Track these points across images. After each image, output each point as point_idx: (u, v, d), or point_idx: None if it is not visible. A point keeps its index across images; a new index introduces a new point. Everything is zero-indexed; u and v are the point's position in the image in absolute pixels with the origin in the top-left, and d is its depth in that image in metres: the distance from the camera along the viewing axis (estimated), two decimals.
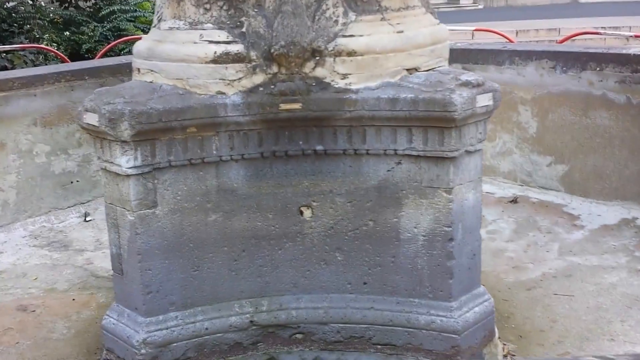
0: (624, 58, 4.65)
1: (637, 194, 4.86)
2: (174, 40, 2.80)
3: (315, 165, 2.88)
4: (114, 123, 2.62)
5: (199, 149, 2.78)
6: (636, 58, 4.61)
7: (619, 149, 4.75)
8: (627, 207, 4.86)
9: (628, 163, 4.80)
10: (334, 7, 2.75)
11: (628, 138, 4.73)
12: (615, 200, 4.89)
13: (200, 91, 2.75)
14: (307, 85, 2.75)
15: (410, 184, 2.85)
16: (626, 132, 4.71)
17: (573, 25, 13.90)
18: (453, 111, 2.66)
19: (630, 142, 4.75)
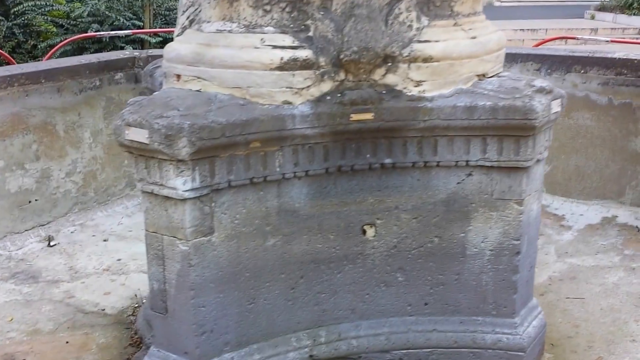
0: (608, 61, 4.71)
1: (615, 193, 4.95)
2: (228, 44, 2.48)
3: (381, 180, 2.66)
4: (170, 140, 2.27)
5: (262, 166, 2.48)
6: (621, 62, 4.67)
7: (600, 149, 4.81)
8: (606, 206, 4.94)
9: (608, 163, 4.87)
10: (407, 11, 2.53)
11: (609, 138, 4.80)
12: (595, 200, 4.96)
13: (264, 101, 2.45)
14: (378, 94, 2.52)
15: (480, 197, 2.69)
16: (607, 133, 4.77)
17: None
18: (534, 119, 2.52)
19: (611, 142, 4.82)
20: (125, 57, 4.97)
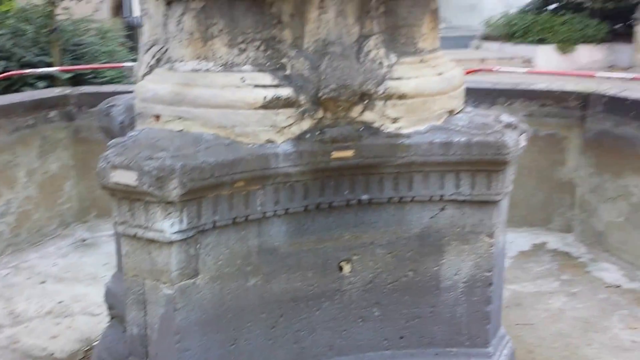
0: (532, 93, 4.97)
1: (543, 220, 5.21)
2: (208, 84, 2.46)
3: (357, 216, 2.68)
4: (161, 181, 2.22)
5: (244, 205, 2.46)
6: (544, 93, 4.95)
7: (528, 178, 5.04)
8: (535, 233, 5.19)
9: (536, 191, 5.12)
10: (376, 48, 2.60)
11: (536, 168, 5.05)
12: (524, 227, 5.18)
13: (248, 140, 2.44)
14: (357, 131, 2.56)
15: (453, 230, 2.76)
16: (534, 163, 5.02)
17: None
18: (507, 154, 2.63)
19: (538, 171, 5.07)
20: (57, 95, 4.83)
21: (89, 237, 5.23)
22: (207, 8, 2.47)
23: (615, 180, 4.69)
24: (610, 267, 4.71)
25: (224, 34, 2.48)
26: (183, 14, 2.52)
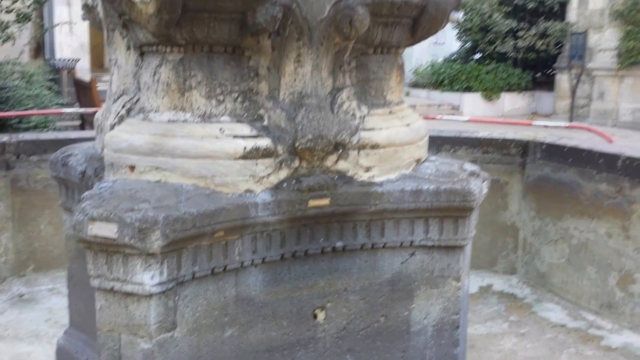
0: (475, 141, 5.16)
1: (488, 263, 5.36)
2: (187, 134, 2.47)
3: (332, 263, 2.72)
4: (143, 233, 2.21)
5: (223, 255, 2.46)
6: (486, 141, 5.14)
7: None
8: (481, 275, 5.32)
9: (480, 235, 5.25)
10: (349, 100, 2.68)
11: (480, 212, 5.18)
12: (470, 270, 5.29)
13: (228, 190, 2.46)
14: (332, 180, 2.62)
15: (422, 275, 2.84)
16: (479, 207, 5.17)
17: None
18: (472, 200, 2.74)
19: (482, 216, 5.20)
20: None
21: (27, 292, 5.02)
22: (185, 60, 2.50)
23: (556, 223, 4.89)
24: (554, 307, 4.87)
25: (203, 85, 2.51)
26: (160, 65, 2.53)
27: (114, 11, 2.59)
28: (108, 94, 2.87)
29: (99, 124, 3.00)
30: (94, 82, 11.77)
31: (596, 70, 17.96)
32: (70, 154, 3.22)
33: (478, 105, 17.73)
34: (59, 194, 3.39)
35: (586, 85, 18.08)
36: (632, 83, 17.16)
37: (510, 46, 18.26)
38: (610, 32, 17.39)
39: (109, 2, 2.54)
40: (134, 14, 2.36)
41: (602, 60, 17.81)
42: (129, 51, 2.72)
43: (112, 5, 2.54)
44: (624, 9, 16.68)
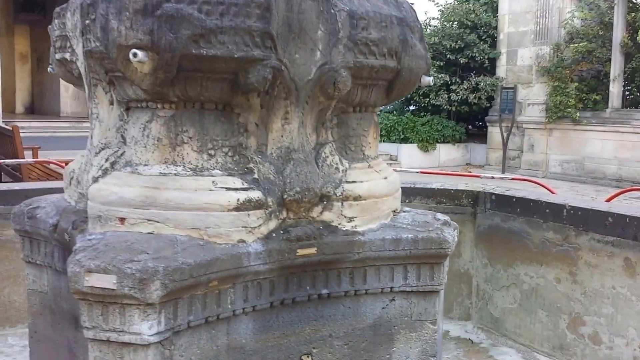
0: (429, 191, 5.38)
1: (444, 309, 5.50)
2: (180, 187, 2.56)
3: (317, 310, 2.83)
4: (143, 284, 2.27)
5: (216, 304, 2.54)
6: (439, 191, 5.37)
7: None
8: None
9: None
10: (331, 155, 2.84)
11: None
12: None
13: (221, 240, 2.55)
14: (318, 230, 2.75)
15: (401, 319, 2.97)
16: None
17: None
18: (447, 248, 2.91)
19: None
20: None
21: None
22: (177, 116, 2.60)
23: (507, 270, 5.12)
24: (509, 351, 5.06)
25: (195, 140, 2.62)
26: (150, 121, 2.63)
27: (100, 68, 2.67)
28: (88, 147, 2.93)
29: (74, 177, 3.04)
30: (16, 130, 10.78)
31: (526, 124, 18.76)
32: (37, 206, 3.24)
33: (415, 156, 18.23)
34: (22, 248, 3.38)
35: (517, 137, 18.83)
36: (560, 136, 17.98)
37: (444, 99, 18.92)
38: (538, 87, 18.26)
39: (97, 60, 2.63)
40: (129, 72, 2.46)
41: (531, 114, 18.63)
42: (112, 106, 2.80)
43: (99, 62, 2.63)
44: (550, 65, 17.58)
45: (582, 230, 4.44)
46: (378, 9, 2.79)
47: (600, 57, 17.18)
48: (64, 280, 3.04)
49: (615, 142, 16.64)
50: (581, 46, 17.05)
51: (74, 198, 3.04)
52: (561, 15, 17.74)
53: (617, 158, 16.63)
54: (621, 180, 16.12)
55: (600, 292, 4.35)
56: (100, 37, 2.46)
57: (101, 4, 2.45)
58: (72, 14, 2.79)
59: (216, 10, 2.43)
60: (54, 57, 3.13)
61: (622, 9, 16.66)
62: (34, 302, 3.34)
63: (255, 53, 2.51)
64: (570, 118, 17.41)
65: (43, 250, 3.22)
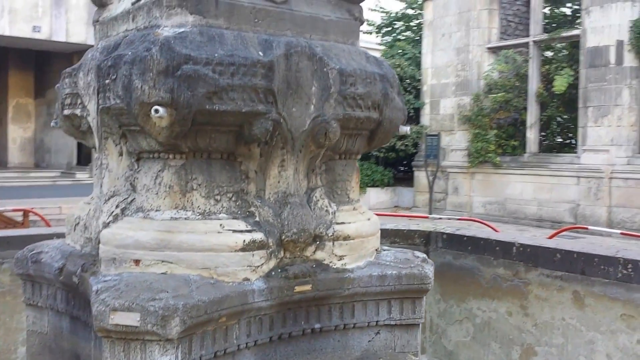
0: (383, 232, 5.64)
1: None
2: (190, 230, 2.76)
3: (310, 343, 3.04)
4: (165, 320, 2.45)
5: (224, 339, 2.73)
6: (393, 232, 5.68)
7: None
8: None
9: None
10: (321, 198, 3.09)
11: None
12: None
13: (229, 279, 2.75)
14: (312, 268, 2.98)
15: (386, 351, 3.21)
16: None
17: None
18: (428, 283, 3.19)
19: None
20: None
21: None
22: (187, 165, 2.82)
23: (460, 305, 5.44)
24: None
25: (203, 187, 2.83)
26: (162, 170, 2.83)
27: (114, 122, 2.87)
28: (97, 194, 3.09)
29: (79, 222, 3.19)
30: None
31: (450, 168, 19.52)
32: (41, 251, 3.37)
33: None
34: (24, 291, 3.49)
35: (442, 181, 19.55)
36: (482, 179, 18.79)
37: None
38: (460, 134, 19.09)
39: (112, 115, 2.82)
40: (148, 126, 2.66)
41: (455, 159, 19.41)
42: (121, 157, 3.00)
43: (116, 117, 2.82)
44: (471, 114, 18.46)
45: (532, 266, 4.82)
46: (363, 66, 3.10)
47: (517, 106, 18.17)
48: (66, 321, 3.19)
49: (534, 184, 17.52)
50: (499, 96, 18.00)
51: (79, 243, 3.19)
52: (480, 68, 18.72)
53: (536, 199, 17.50)
54: (541, 220, 16.95)
55: (551, 323, 4.71)
56: (122, 94, 2.66)
57: (123, 66, 2.65)
58: (85, 74, 2.99)
59: (228, 71, 2.67)
60: (60, 113, 3.30)
61: (536, 62, 17.75)
62: (33, 342, 3.44)
63: (259, 108, 2.76)
64: (491, 162, 18.25)
65: (45, 293, 3.33)
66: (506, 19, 19.82)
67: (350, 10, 3.28)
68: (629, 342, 4.32)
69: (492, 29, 19.00)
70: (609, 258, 4.41)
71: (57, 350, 3.38)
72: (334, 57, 3.01)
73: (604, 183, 15.94)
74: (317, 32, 3.13)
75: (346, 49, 3.16)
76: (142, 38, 2.76)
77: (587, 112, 16.07)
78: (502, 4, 19.33)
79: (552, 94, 17.34)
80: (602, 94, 15.76)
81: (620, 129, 15.63)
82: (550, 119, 18.47)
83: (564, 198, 16.69)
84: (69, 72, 3.21)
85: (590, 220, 15.62)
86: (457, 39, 19.36)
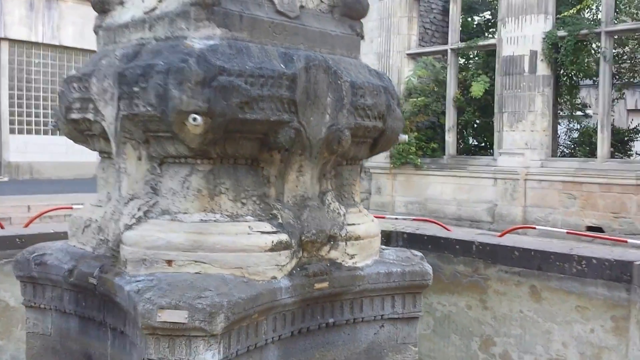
0: None
1: None
2: (221, 232, 2.91)
3: (324, 337, 3.25)
4: (212, 317, 2.61)
5: (255, 334, 2.90)
6: None
7: None
8: None
9: None
10: (333, 201, 3.31)
11: None
12: None
13: (259, 278, 2.92)
14: (327, 266, 3.19)
15: (389, 343, 3.46)
16: None
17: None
18: (429, 279, 3.47)
19: None
20: None
21: None
22: (215, 170, 2.97)
23: None
24: None
25: (230, 191, 2.99)
26: (190, 174, 2.97)
27: (137, 128, 2.98)
28: (116, 197, 3.18)
29: (90, 225, 3.28)
30: None
31: (373, 169, 19.97)
32: (44, 253, 3.44)
33: None
34: (23, 293, 3.54)
35: (365, 181, 20.02)
36: (404, 180, 19.34)
37: None
38: None
39: (137, 121, 2.93)
40: (183, 133, 2.79)
41: (378, 160, 19.78)
42: (140, 161, 3.11)
43: (142, 123, 2.93)
44: None
45: (491, 263, 5.19)
46: (368, 79, 3.34)
47: (436, 110, 18.86)
48: (74, 322, 3.28)
49: (453, 185, 18.19)
50: (419, 100, 18.61)
51: (90, 244, 3.27)
52: (400, 73, 19.27)
53: (456, 199, 18.18)
54: (460, 219, 17.61)
55: (509, 315, 5.10)
56: (155, 102, 2.78)
57: (156, 75, 2.77)
58: (99, 79, 3.08)
59: (258, 82, 2.85)
60: (62, 117, 3.36)
61: (453, 69, 18.47)
62: (34, 344, 3.49)
63: (284, 117, 2.95)
64: (412, 164, 18.82)
65: (49, 295, 3.40)
66: (423, 27, 20.52)
67: (353, 26, 3.51)
68: (583, 332, 4.76)
69: (412, 36, 19.61)
70: (564, 255, 4.84)
71: (63, 351, 3.45)
72: (344, 70, 3.23)
73: (519, 184, 16.76)
74: (326, 46, 3.35)
75: (352, 62, 3.39)
76: (171, 48, 2.89)
77: (503, 117, 16.85)
78: (420, 12, 20.03)
79: (468, 100, 18.14)
80: (517, 101, 16.57)
81: (534, 133, 16.49)
82: (467, 123, 19.28)
83: (482, 198, 17.43)
84: (77, 77, 3.26)
85: (507, 220, 16.39)
86: (378, 44, 19.88)
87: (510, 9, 16.13)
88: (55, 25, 19.36)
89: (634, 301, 4.45)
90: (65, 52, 20.00)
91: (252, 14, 3.08)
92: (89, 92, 3.14)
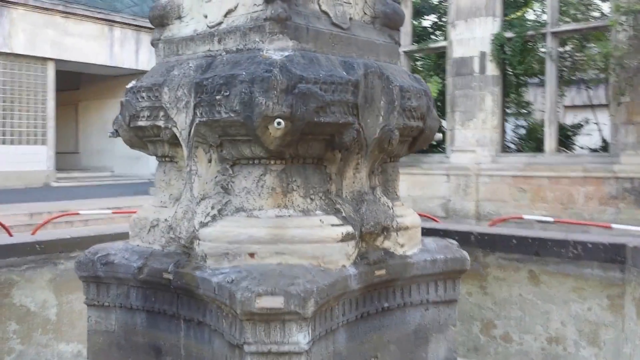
0: None
1: None
2: (297, 225, 3.18)
3: (380, 320, 3.55)
4: (305, 301, 2.88)
5: (330, 318, 3.18)
6: None
7: None
8: None
9: None
10: (382, 195, 3.62)
11: None
12: None
13: (332, 266, 3.20)
14: (382, 255, 3.49)
15: (433, 324, 3.78)
16: None
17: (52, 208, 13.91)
18: (468, 265, 3.81)
19: None
20: None
21: None
22: (287, 170, 3.24)
23: None
24: None
25: (301, 188, 3.27)
26: (264, 174, 3.23)
27: (213, 133, 3.22)
28: (188, 197, 3.40)
29: (160, 224, 3.51)
30: None
31: None
32: (108, 253, 3.64)
33: None
34: (86, 292, 3.72)
35: None
36: None
37: None
38: None
39: (216, 127, 3.17)
40: (264, 136, 3.05)
41: None
42: (210, 163, 3.36)
43: (220, 128, 3.17)
44: None
45: (490, 251, 5.58)
46: (411, 83, 3.66)
47: None
48: (141, 317, 3.49)
49: (408, 182, 18.72)
50: None
51: (158, 243, 3.49)
52: None
53: (410, 196, 18.72)
54: None
55: (509, 299, 5.50)
56: (239, 109, 3.03)
57: (240, 85, 3.02)
58: (171, 89, 3.31)
59: (330, 89, 3.13)
60: (124, 124, 3.57)
61: None
62: (97, 341, 3.67)
63: (349, 119, 3.24)
64: None
65: (114, 292, 3.59)
66: None
67: (392, 35, 3.83)
68: (581, 310, 5.19)
69: None
70: (560, 241, 5.26)
71: (128, 346, 3.64)
72: (391, 75, 3.54)
73: (471, 180, 17.45)
74: (372, 54, 3.65)
75: (395, 68, 3.71)
76: (249, 60, 3.15)
77: (455, 116, 17.51)
78: None
79: None
80: (468, 100, 17.26)
81: (484, 131, 17.19)
82: None
83: (436, 194, 18.05)
84: (146, 87, 3.48)
85: (460, 214, 17.05)
86: None
87: (459, 12, 16.76)
88: (7, 33, 19.02)
89: (629, 280, 4.90)
90: (16, 60, 19.67)
91: (314, 26, 3.36)
92: (160, 101, 3.37)
